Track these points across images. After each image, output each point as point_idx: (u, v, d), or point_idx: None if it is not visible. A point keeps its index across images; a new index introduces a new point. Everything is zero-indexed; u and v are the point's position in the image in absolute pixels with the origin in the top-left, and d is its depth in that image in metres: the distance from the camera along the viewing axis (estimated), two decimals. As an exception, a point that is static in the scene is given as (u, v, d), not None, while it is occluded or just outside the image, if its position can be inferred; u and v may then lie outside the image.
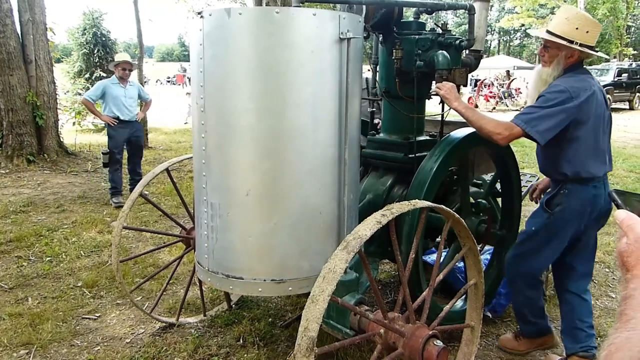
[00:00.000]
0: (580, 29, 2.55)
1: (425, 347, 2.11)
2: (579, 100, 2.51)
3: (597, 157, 2.67)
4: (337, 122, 2.36)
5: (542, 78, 2.69)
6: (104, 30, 13.88)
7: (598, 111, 2.61)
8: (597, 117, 2.61)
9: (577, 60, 2.66)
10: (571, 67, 2.66)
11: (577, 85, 2.54)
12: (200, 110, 2.39)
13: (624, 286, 0.75)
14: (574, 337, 2.85)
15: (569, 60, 2.64)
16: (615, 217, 0.85)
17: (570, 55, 2.62)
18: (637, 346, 0.63)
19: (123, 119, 6.56)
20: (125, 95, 6.58)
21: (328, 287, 1.84)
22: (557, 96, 2.51)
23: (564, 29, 2.59)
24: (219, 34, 2.26)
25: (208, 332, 3.40)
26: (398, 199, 3.22)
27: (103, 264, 4.55)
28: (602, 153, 2.69)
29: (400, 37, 3.08)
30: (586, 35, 2.56)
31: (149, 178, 3.18)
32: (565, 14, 2.63)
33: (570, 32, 2.57)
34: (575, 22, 2.56)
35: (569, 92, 2.51)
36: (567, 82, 2.56)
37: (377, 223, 1.99)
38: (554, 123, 2.51)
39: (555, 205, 2.73)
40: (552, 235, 2.77)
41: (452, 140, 2.97)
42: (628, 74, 21.30)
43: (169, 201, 6.55)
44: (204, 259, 2.55)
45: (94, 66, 13.36)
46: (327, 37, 2.27)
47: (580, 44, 2.57)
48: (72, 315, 3.62)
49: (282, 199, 2.32)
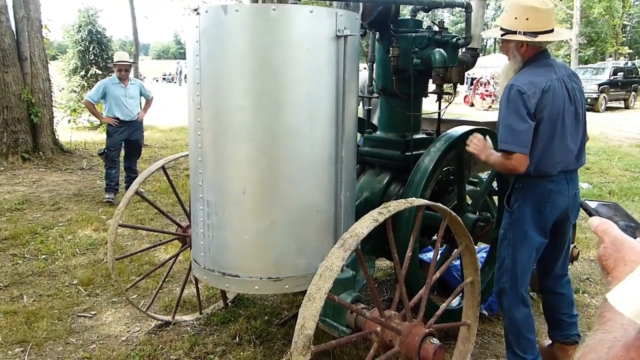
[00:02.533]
0: (519, 18, 2.47)
1: (422, 345, 2.11)
2: (536, 99, 2.43)
3: (555, 154, 2.53)
4: (333, 119, 2.36)
5: (504, 72, 2.64)
6: (99, 27, 13.78)
7: (555, 104, 2.47)
8: (555, 111, 2.48)
9: (535, 50, 2.55)
10: (532, 58, 2.56)
11: (531, 80, 2.45)
12: (197, 108, 2.38)
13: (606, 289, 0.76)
14: (556, 327, 2.94)
15: (524, 51, 2.54)
16: (589, 224, 0.86)
17: (520, 45, 2.53)
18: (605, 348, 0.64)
19: (123, 119, 6.50)
20: (125, 95, 6.50)
21: (325, 285, 1.84)
22: (512, 102, 2.44)
23: (505, 21, 2.55)
24: (215, 30, 2.25)
25: (204, 330, 3.39)
26: (395, 196, 3.22)
27: (98, 261, 4.53)
28: (563, 149, 2.55)
29: (397, 35, 3.07)
30: (527, 22, 2.46)
31: (145, 176, 3.17)
32: (507, 7, 2.58)
33: (510, 23, 2.51)
34: (512, 12, 2.50)
35: (521, 90, 2.43)
36: (520, 80, 2.47)
37: (374, 221, 1.99)
38: (525, 128, 2.44)
39: (514, 203, 2.67)
40: (519, 236, 2.65)
41: (449, 138, 2.97)
42: (623, 72, 21.34)
43: (164, 199, 6.53)
44: (200, 256, 2.54)
45: (89, 63, 13.27)
46: (323, 34, 2.26)
47: (523, 33, 2.47)
48: (68, 313, 3.61)
49: (278, 197, 2.31)
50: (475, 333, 2.67)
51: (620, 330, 0.65)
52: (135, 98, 6.66)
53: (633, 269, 0.70)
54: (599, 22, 35.57)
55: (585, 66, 23.93)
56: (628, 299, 0.61)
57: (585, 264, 4.60)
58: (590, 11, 32.72)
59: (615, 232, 0.80)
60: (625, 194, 7.16)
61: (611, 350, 0.62)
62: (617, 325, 0.67)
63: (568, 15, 30.79)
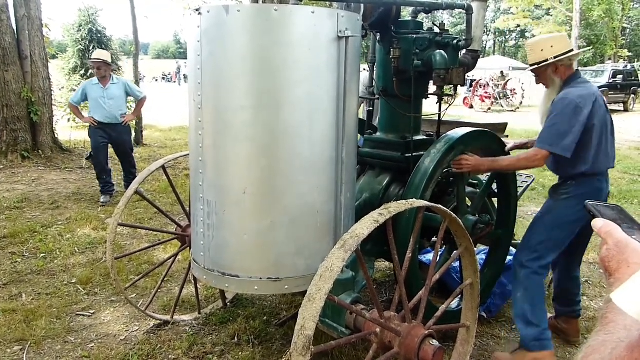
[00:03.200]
0: (545, 48, 2.92)
1: (421, 347, 2.11)
2: (588, 108, 2.77)
3: (602, 155, 2.91)
4: (334, 120, 2.36)
5: (547, 97, 3.01)
6: (99, 26, 13.80)
7: (600, 114, 2.84)
8: (601, 120, 2.86)
9: (568, 71, 2.95)
10: (568, 78, 2.94)
11: (582, 94, 2.80)
12: (198, 108, 2.38)
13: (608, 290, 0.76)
14: (565, 304, 3.33)
15: (561, 74, 2.93)
16: (593, 226, 0.86)
17: (555, 68, 2.93)
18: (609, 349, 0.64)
19: (102, 121, 6.19)
20: (104, 96, 6.18)
21: (325, 286, 1.84)
22: (564, 109, 2.77)
23: (535, 56, 2.96)
24: (216, 31, 2.25)
25: (203, 330, 3.39)
26: (395, 198, 3.22)
27: (97, 260, 4.53)
28: (606, 151, 2.93)
29: (398, 36, 3.07)
30: (552, 49, 2.90)
31: (144, 175, 3.17)
32: (529, 48, 3.03)
33: (540, 56, 2.94)
34: (538, 47, 2.95)
35: (575, 102, 2.76)
36: (571, 93, 2.81)
37: (375, 222, 1.99)
38: (573, 136, 2.75)
39: (562, 194, 2.98)
40: (558, 223, 2.95)
41: (449, 140, 2.97)
42: (623, 75, 21.38)
43: (163, 198, 6.52)
44: (200, 256, 2.54)
45: (90, 62, 13.29)
46: (325, 35, 2.26)
47: (554, 57, 2.89)
48: (66, 312, 3.60)
49: (279, 197, 2.31)
50: (474, 335, 2.67)
51: (623, 332, 0.65)
52: (116, 99, 6.27)
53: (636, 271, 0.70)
54: (599, 25, 35.64)
55: (584, 69, 23.93)
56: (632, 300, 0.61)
57: (584, 266, 4.59)
58: (589, 14, 32.75)
59: (619, 234, 0.80)
60: (625, 196, 7.17)
61: (615, 351, 0.63)
62: (620, 326, 0.67)
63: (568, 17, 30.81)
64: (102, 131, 6.26)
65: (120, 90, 6.34)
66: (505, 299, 3.71)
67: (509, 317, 3.67)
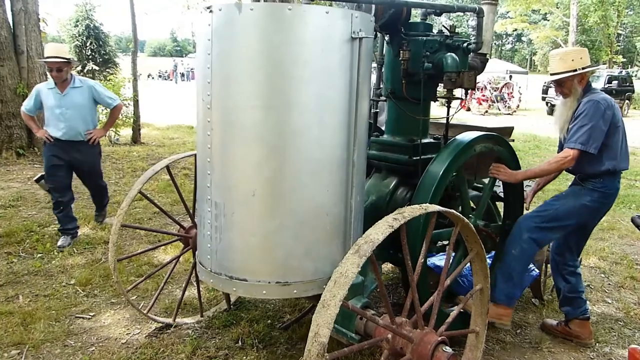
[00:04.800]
0: (575, 59, 3.08)
1: (434, 354, 2.08)
2: (612, 110, 3.02)
3: (624, 155, 3.17)
4: (346, 122, 2.31)
5: (567, 105, 3.16)
6: (96, 22, 13.69)
7: (618, 116, 3.09)
8: (620, 121, 3.11)
9: (587, 80, 3.16)
10: (585, 88, 3.13)
11: (605, 97, 3.05)
12: (207, 107, 2.33)
13: None
14: (573, 305, 3.37)
15: (581, 84, 3.12)
16: None
17: (581, 78, 3.11)
18: None
19: (58, 138, 4.69)
20: (62, 105, 4.66)
21: (340, 292, 1.80)
22: (596, 110, 2.96)
23: (565, 65, 3.09)
24: (228, 29, 2.20)
25: (206, 333, 3.33)
26: (402, 201, 3.19)
27: (96, 261, 4.46)
28: (626, 152, 3.19)
29: (407, 38, 3.04)
30: (581, 60, 3.09)
31: (149, 175, 3.11)
32: (558, 56, 3.14)
33: (571, 65, 3.08)
34: (568, 57, 3.10)
35: (602, 104, 2.99)
36: (596, 97, 3.03)
37: (389, 227, 1.95)
38: (600, 133, 2.97)
39: (589, 184, 3.16)
40: (576, 205, 3.15)
41: (460, 144, 2.94)
42: (618, 81, 21.53)
43: (162, 198, 6.45)
44: (207, 259, 2.49)
45: (86, 59, 13.19)
46: (338, 35, 2.22)
47: (582, 68, 3.08)
48: (65, 314, 3.54)
49: (288, 199, 2.27)
50: (483, 341, 2.64)
51: None
52: (79, 108, 4.72)
53: None
54: (594, 31, 35.82)
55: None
56: None
57: (585, 270, 4.58)
58: (585, 20, 32.93)
59: None
60: (622, 201, 7.18)
61: None
62: None
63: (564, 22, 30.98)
64: (60, 150, 4.73)
65: (85, 97, 4.77)
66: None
67: (515, 321, 3.64)
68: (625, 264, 4.83)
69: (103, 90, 4.99)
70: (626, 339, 3.47)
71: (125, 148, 9.79)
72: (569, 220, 3.17)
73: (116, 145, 10.08)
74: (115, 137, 10.25)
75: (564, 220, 3.17)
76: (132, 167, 8.18)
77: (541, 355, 3.24)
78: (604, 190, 3.15)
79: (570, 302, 3.39)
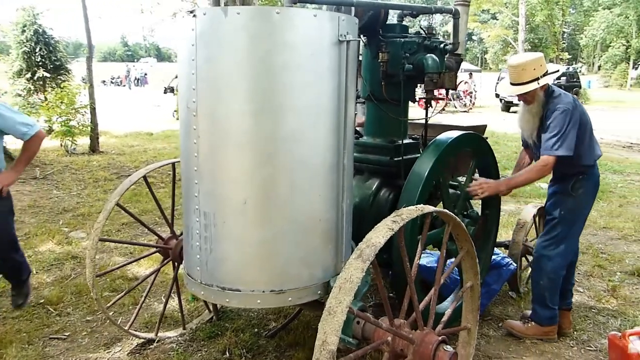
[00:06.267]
0: (536, 67, 3.11)
1: (436, 354, 2.08)
2: (578, 110, 3.12)
3: (595, 145, 3.32)
4: (336, 126, 2.30)
5: (532, 112, 3.22)
6: (45, 27, 13.11)
7: (585, 112, 3.23)
8: (588, 117, 3.24)
9: (547, 86, 3.22)
10: (547, 92, 3.21)
11: (568, 100, 3.14)
12: (192, 115, 2.26)
13: None
14: (563, 296, 3.49)
15: (543, 89, 3.18)
16: None
17: (542, 85, 3.15)
18: None
19: None
20: None
21: (346, 298, 1.78)
22: (565, 116, 3.05)
23: (527, 75, 3.10)
24: (214, 34, 2.14)
25: (190, 346, 3.24)
26: (385, 202, 3.20)
27: (65, 278, 4.26)
28: (596, 141, 3.35)
29: (385, 40, 3.05)
30: (541, 68, 3.13)
31: (126, 186, 3.00)
32: (520, 67, 3.12)
33: (533, 74, 3.10)
34: (529, 66, 3.10)
35: (568, 108, 3.08)
36: (561, 102, 3.12)
37: (390, 230, 1.95)
38: (572, 136, 3.06)
39: (578, 189, 3.26)
40: (579, 214, 3.32)
41: (443, 143, 2.97)
42: (566, 77, 22.46)
43: (131, 208, 6.22)
44: (196, 271, 2.41)
45: (36, 66, 12.60)
46: (326, 39, 2.20)
47: (542, 76, 3.12)
48: (38, 335, 3.35)
49: (282, 206, 2.23)
50: (475, 337, 2.67)
51: None
52: None
53: None
54: (541, 29, 37.25)
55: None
56: None
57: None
58: (533, 19, 34.20)
59: None
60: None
61: None
62: None
63: (513, 21, 32.06)
64: None
65: None
66: (490, 298, 3.75)
67: (495, 315, 3.72)
68: (591, 253, 5.01)
69: (13, 114, 3.41)
70: (601, 325, 3.60)
71: (84, 158, 9.44)
72: (578, 219, 3.32)
73: (74, 154, 9.70)
74: (72, 146, 9.87)
75: (574, 223, 3.31)
76: (93, 177, 7.89)
77: (525, 347, 3.31)
78: (592, 185, 3.32)
79: (562, 292, 3.46)
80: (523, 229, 3.98)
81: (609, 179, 8.39)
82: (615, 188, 7.85)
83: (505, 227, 5.54)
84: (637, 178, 8.73)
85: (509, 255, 3.95)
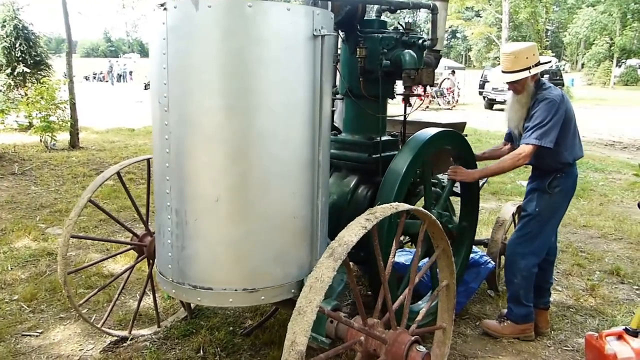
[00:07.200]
0: (529, 57, 3.10)
1: (409, 354, 2.07)
2: (565, 104, 3.09)
3: (578, 144, 3.29)
4: (311, 122, 2.26)
5: (522, 102, 3.20)
6: (25, 23, 12.88)
7: (570, 108, 3.20)
8: (573, 113, 3.22)
9: (537, 76, 3.21)
10: (538, 82, 3.20)
11: (557, 93, 3.12)
12: (164, 110, 2.21)
13: None
14: (540, 295, 3.49)
15: (533, 79, 3.17)
16: None
17: (533, 76, 3.15)
18: None
19: None
20: None
21: (316, 298, 1.75)
22: (551, 107, 3.04)
23: (519, 64, 3.09)
24: (185, 27, 2.09)
25: (164, 344, 3.19)
26: (363, 199, 3.17)
27: (40, 274, 4.17)
28: (580, 141, 3.32)
29: (363, 36, 3.02)
30: (533, 57, 3.12)
31: (99, 182, 2.94)
32: (513, 55, 3.11)
33: (525, 63, 3.09)
34: (522, 55, 3.10)
35: (555, 100, 3.06)
36: (549, 94, 3.10)
37: (363, 228, 1.92)
38: (556, 129, 3.05)
39: (555, 187, 3.25)
40: (554, 212, 3.30)
41: (421, 140, 2.95)
42: (549, 75, 22.64)
43: (108, 205, 6.12)
44: (168, 269, 2.37)
45: (16, 61, 12.37)
46: (301, 33, 2.16)
47: (534, 65, 3.11)
48: (10, 332, 3.28)
49: (254, 204, 2.19)
50: (450, 336, 2.66)
51: None
52: None
53: None
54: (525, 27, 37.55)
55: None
56: None
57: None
58: (516, 16, 34.46)
59: None
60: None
61: None
62: None
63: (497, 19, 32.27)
64: None
65: None
66: (468, 297, 3.76)
67: (472, 314, 3.73)
68: (571, 252, 5.05)
69: None
70: (579, 325, 3.61)
71: (63, 153, 9.28)
72: (552, 217, 3.30)
73: (53, 150, 9.53)
74: (52, 142, 9.70)
75: (548, 221, 3.29)
76: (72, 173, 7.75)
77: (501, 346, 3.32)
78: (570, 184, 3.29)
79: (538, 291, 3.47)
80: (502, 227, 4.00)
81: (590, 177, 8.48)
82: (596, 186, 7.92)
83: (485, 224, 5.56)
84: (618, 176, 8.82)
85: (487, 254, 3.96)
